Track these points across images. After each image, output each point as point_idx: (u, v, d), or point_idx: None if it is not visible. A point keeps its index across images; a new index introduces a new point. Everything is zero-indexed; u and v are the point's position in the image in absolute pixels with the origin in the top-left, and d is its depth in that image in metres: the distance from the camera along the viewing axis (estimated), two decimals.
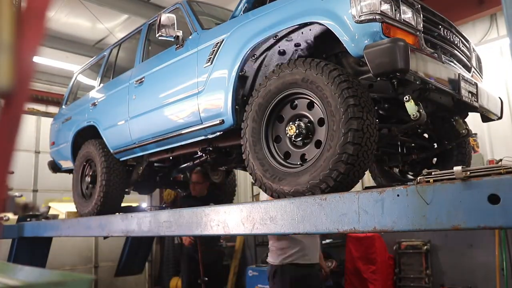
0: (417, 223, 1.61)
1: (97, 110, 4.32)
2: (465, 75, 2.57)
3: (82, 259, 8.50)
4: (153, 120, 3.52)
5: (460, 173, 1.50)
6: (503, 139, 6.27)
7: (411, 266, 6.40)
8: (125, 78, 4.02)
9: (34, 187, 8.76)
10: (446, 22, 2.66)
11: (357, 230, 1.78)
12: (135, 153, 3.94)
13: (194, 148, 3.45)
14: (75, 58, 8.90)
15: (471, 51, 2.95)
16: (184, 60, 3.25)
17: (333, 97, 2.15)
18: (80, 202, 4.45)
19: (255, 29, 2.65)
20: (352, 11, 2.17)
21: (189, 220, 2.59)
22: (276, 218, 2.08)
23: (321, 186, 2.14)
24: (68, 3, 7.53)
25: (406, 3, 2.26)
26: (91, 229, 3.76)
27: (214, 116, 2.92)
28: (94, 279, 7.80)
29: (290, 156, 2.45)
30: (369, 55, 2.06)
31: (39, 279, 1.33)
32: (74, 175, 4.62)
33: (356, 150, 2.07)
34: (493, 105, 2.86)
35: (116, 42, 4.76)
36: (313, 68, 2.28)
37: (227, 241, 7.56)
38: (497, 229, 4.94)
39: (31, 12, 0.69)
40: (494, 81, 6.05)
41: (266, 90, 2.50)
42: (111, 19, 8.30)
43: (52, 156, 5.26)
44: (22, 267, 1.48)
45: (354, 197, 1.80)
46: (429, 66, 2.18)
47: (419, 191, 1.61)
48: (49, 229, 4.51)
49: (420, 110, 2.16)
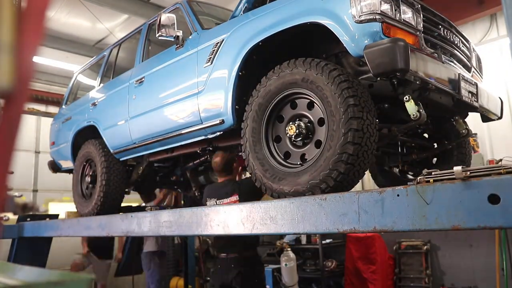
0: (417, 223, 1.61)
1: (97, 110, 4.33)
2: (465, 75, 2.57)
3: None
4: (153, 120, 3.52)
5: (460, 173, 1.50)
6: (503, 139, 6.27)
7: (411, 266, 6.41)
8: (125, 78, 4.03)
9: (34, 187, 8.76)
10: (446, 22, 2.66)
11: (357, 230, 1.78)
12: (135, 153, 3.94)
13: (194, 148, 3.45)
14: (75, 58, 8.91)
15: (471, 51, 2.95)
16: (184, 60, 3.25)
17: (333, 97, 2.15)
18: (80, 202, 4.45)
19: (255, 29, 2.65)
20: (352, 11, 2.17)
21: (189, 220, 2.59)
22: (276, 218, 2.08)
23: (321, 186, 2.14)
24: (68, 3, 7.54)
25: (406, 3, 2.26)
26: (91, 229, 3.76)
27: (214, 116, 2.92)
28: (93, 279, 7.80)
29: (290, 156, 2.45)
30: (369, 55, 2.06)
31: (38, 279, 1.33)
32: (74, 175, 4.62)
33: (356, 150, 2.07)
34: (493, 105, 2.86)
35: (116, 42, 4.76)
36: (313, 68, 2.28)
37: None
38: (497, 229, 4.94)
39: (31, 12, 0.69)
40: (494, 80, 6.06)
41: (266, 90, 2.50)
42: (111, 19, 8.31)
43: (52, 156, 5.27)
44: (22, 267, 1.47)
45: (354, 197, 1.80)
46: (429, 66, 2.18)
47: (419, 191, 1.61)
48: (49, 229, 4.51)
49: (420, 110, 2.16)
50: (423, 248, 6.29)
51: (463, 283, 5.78)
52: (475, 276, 5.67)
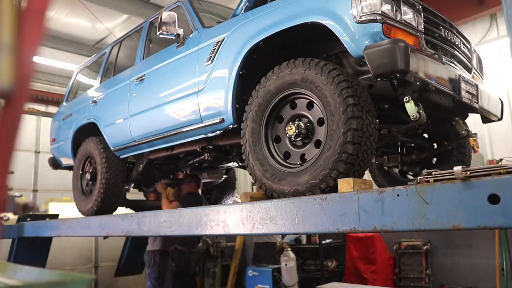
0: (417, 223, 1.61)
1: (98, 107, 4.32)
2: (465, 76, 2.57)
3: (82, 259, 8.49)
4: (153, 118, 3.52)
5: (460, 173, 1.50)
6: (503, 139, 6.27)
7: (411, 266, 6.40)
8: (126, 75, 4.02)
9: (34, 187, 8.75)
10: (447, 22, 2.66)
11: (357, 230, 1.78)
12: (135, 150, 3.94)
13: (194, 146, 3.45)
14: (75, 58, 8.89)
15: (471, 52, 2.95)
16: (185, 58, 3.25)
17: (333, 96, 2.15)
18: (80, 199, 4.45)
19: (256, 28, 2.65)
20: (353, 11, 2.17)
21: (189, 220, 2.60)
22: (276, 218, 2.08)
23: (321, 185, 2.14)
24: (68, 3, 7.53)
25: (407, 4, 2.25)
26: (91, 229, 3.76)
27: (214, 115, 2.92)
28: (93, 279, 7.81)
29: (290, 156, 2.45)
30: (369, 56, 2.06)
31: (38, 279, 1.33)
32: (74, 172, 4.62)
33: (355, 149, 2.07)
34: (493, 106, 2.86)
35: (117, 40, 4.76)
36: (312, 68, 2.27)
37: (227, 241, 7.56)
38: (497, 229, 4.93)
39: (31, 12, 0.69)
40: (494, 81, 6.05)
41: (265, 90, 2.50)
42: (111, 19, 8.30)
43: (53, 152, 5.26)
44: (22, 267, 1.48)
45: (354, 197, 1.80)
46: (429, 67, 2.18)
47: (419, 191, 1.61)
48: (49, 229, 4.50)
49: (420, 111, 2.16)
50: (423, 248, 6.28)
51: (463, 283, 5.78)
52: (475, 276, 5.67)
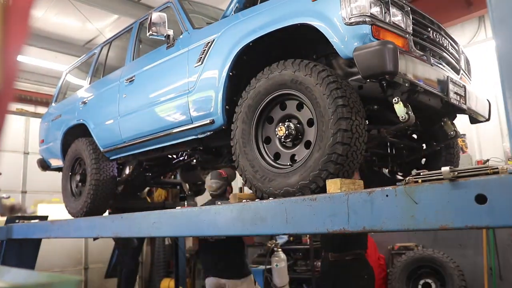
0: (406, 223, 1.62)
1: (87, 108, 4.29)
2: (453, 77, 2.59)
3: (71, 261, 8.41)
4: (143, 119, 3.50)
5: (448, 173, 1.51)
6: (491, 140, 6.34)
7: None
8: (116, 76, 4.00)
9: (23, 188, 8.64)
10: (436, 24, 2.68)
11: (346, 231, 1.79)
12: (125, 151, 3.91)
13: (185, 147, 3.44)
14: (64, 58, 8.82)
15: (460, 53, 2.98)
16: (175, 59, 3.24)
17: (322, 97, 2.16)
18: (70, 201, 4.41)
19: (246, 30, 2.65)
20: (342, 13, 2.18)
21: (180, 221, 2.59)
22: (266, 218, 2.08)
23: (311, 186, 2.15)
24: (57, 3, 7.48)
25: (396, 6, 2.27)
26: (80, 230, 3.73)
27: (204, 116, 2.91)
28: (81, 280, 7.74)
29: (280, 157, 2.45)
30: (358, 57, 2.07)
31: (27, 280, 1.31)
32: (64, 174, 4.57)
33: (345, 150, 2.09)
34: (481, 107, 2.89)
35: (107, 40, 4.72)
36: (302, 69, 2.28)
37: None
38: (484, 228, 4.99)
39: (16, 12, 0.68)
40: (482, 82, 6.12)
41: (255, 91, 2.50)
42: (101, 19, 8.25)
43: (41, 154, 5.20)
44: (10, 268, 1.46)
45: (344, 197, 1.81)
46: (418, 69, 2.19)
47: (407, 191, 1.62)
48: (38, 231, 4.45)
49: (408, 112, 2.17)
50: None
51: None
52: (464, 276, 5.71)
